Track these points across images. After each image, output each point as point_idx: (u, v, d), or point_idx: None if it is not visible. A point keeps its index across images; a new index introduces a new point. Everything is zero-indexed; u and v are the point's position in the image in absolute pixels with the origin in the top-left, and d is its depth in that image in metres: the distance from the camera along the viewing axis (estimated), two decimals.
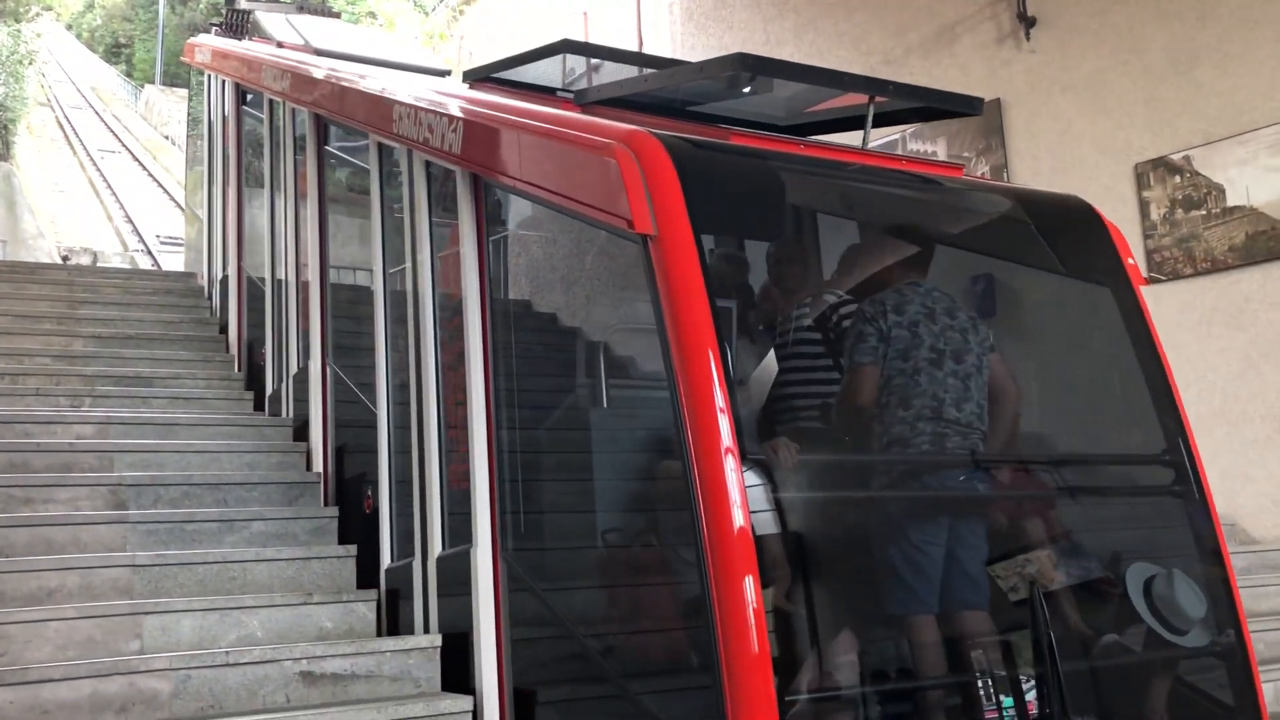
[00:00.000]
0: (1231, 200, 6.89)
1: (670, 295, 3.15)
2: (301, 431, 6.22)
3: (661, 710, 3.42)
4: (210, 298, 8.88)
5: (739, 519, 2.85)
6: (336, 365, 6.02)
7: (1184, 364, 6.39)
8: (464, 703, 4.00)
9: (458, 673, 4.10)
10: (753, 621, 2.80)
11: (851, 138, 4.12)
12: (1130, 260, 4.02)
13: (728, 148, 3.65)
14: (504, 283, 4.38)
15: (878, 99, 4.01)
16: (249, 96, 8.19)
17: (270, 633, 4.39)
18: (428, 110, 4.68)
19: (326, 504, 5.69)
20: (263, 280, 7.31)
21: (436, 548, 4.46)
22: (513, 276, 4.57)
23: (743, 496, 2.89)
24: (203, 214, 9.72)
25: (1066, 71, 7.87)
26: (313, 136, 6.31)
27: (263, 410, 6.87)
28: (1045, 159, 7.95)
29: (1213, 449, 4.80)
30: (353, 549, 5.16)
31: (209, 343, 8.18)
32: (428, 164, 4.78)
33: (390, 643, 4.26)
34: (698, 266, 3.17)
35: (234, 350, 7.88)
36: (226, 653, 4.00)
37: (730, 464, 2.90)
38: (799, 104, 4.81)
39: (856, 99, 4.46)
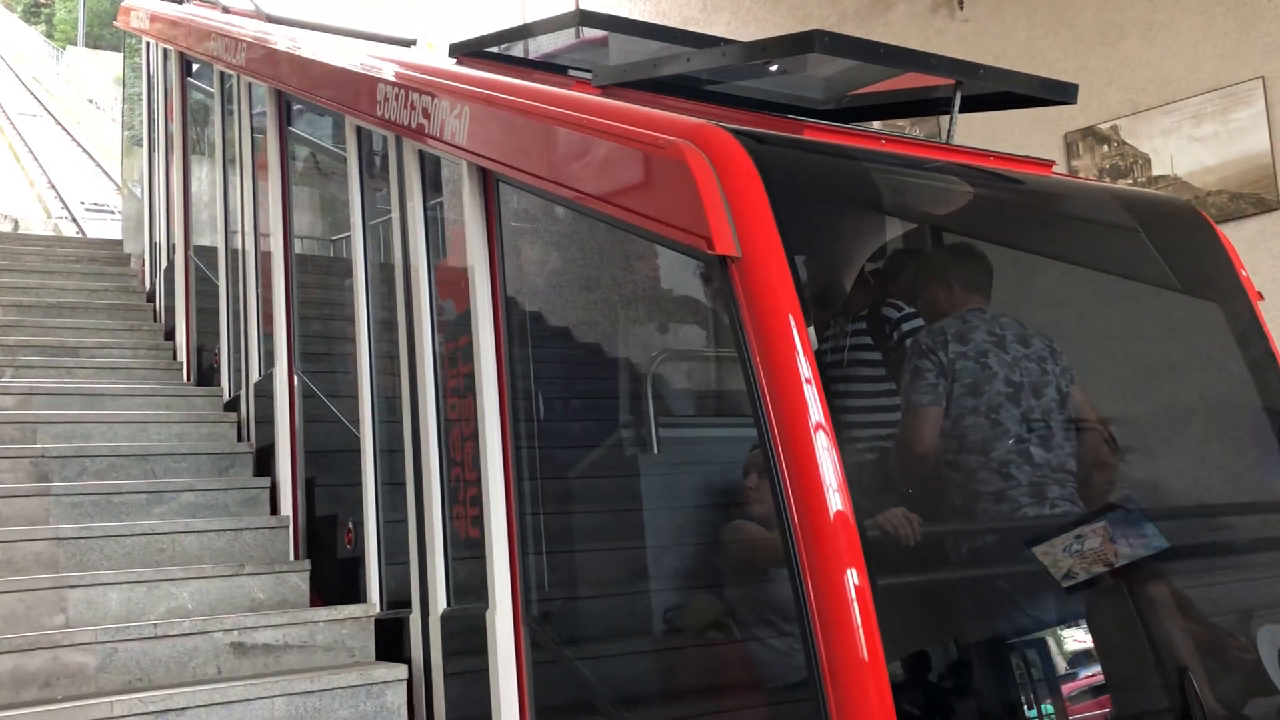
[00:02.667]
0: (1157, 169, 6.78)
1: (762, 335, 2.56)
2: (265, 458, 5.54)
3: None
4: (153, 297, 8.08)
5: (862, 644, 2.28)
6: (306, 375, 5.35)
7: None
8: (398, 671, 3.94)
9: None
10: None
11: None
12: (1244, 272, 3.50)
13: (809, 144, 3.05)
14: (523, 295, 3.75)
15: (965, 83, 3.44)
16: (195, 67, 7.41)
17: (201, 604, 4.34)
18: (422, 91, 4.02)
19: (297, 556, 5.06)
20: (214, 273, 6.59)
21: (441, 604, 3.85)
22: (534, 288, 3.94)
23: (866, 610, 2.32)
24: (141, 193, 8.92)
25: (999, 40, 7.71)
26: (274, 116, 5.59)
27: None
28: (978, 127, 7.68)
29: None
30: (286, 519, 5.05)
31: (136, 312, 7.96)
32: (421, 152, 4.13)
33: (324, 613, 4.23)
34: (795, 298, 2.58)
35: (183, 356, 7.12)
36: (154, 625, 3.95)
37: (852, 577, 2.32)
38: (842, 86, 4.24)
39: (912, 81, 3.92)
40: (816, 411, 2.47)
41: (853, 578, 2.37)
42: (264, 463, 5.52)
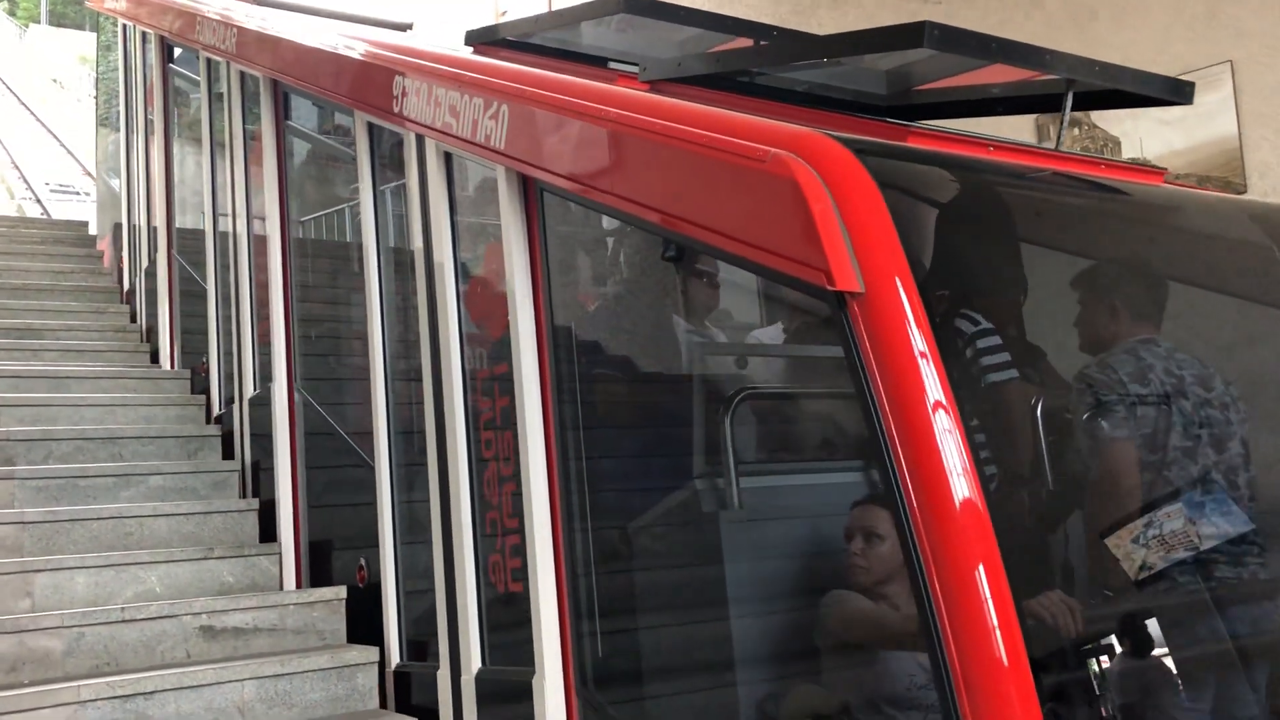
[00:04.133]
0: (1127, 152, 6.64)
1: (895, 388, 2.14)
2: (259, 481, 5.09)
3: None
4: (132, 298, 7.58)
5: None
6: (308, 392, 4.90)
7: None
8: (370, 653, 3.93)
9: None
10: None
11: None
12: None
13: (925, 156, 2.63)
14: (573, 319, 3.32)
15: (1077, 83, 3.04)
16: (178, 52, 6.90)
17: (170, 588, 4.29)
18: (449, 87, 3.58)
19: (299, 587, 4.65)
20: (201, 275, 6.11)
21: (475, 662, 3.43)
22: (587, 311, 3.51)
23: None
24: (118, 184, 8.40)
25: (972, 24, 7.48)
26: (270, 108, 5.12)
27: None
28: None
29: None
30: (254, 502, 4.94)
31: (103, 294, 7.83)
32: (448, 154, 3.69)
33: (294, 595, 4.21)
34: (932, 341, 2.17)
35: (166, 365, 6.65)
36: (122, 609, 3.92)
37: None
38: (907, 80, 3.83)
39: (990, 76, 3.52)
40: (963, 486, 2.05)
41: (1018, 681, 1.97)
42: (260, 488, 5.06)
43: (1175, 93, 3.20)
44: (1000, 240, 2.53)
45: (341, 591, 4.23)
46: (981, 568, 2.03)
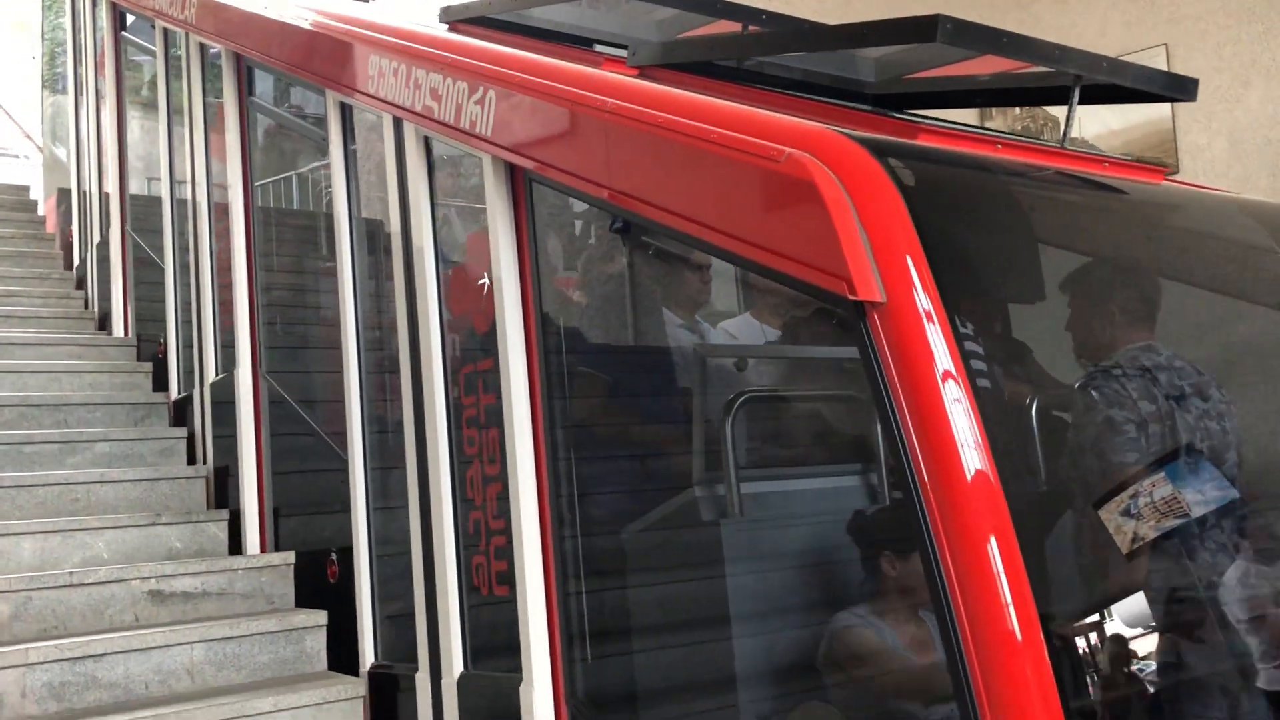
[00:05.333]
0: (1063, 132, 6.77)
1: (915, 400, 2.06)
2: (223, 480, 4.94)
3: None
4: (83, 278, 7.33)
5: None
6: (274, 378, 4.75)
7: None
8: (318, 617, 3.97)
9: None
10: None
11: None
12: None
13: (940, 155, 2.54)
14: (562, 315, 3.20)
15: (1084, 78, 2.96)
16: (131, 19, 6.65)
17: (117, 554, 4.28)
18: (430, 68, 3.44)
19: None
20: (159, 255, 5.90)
21: (457, 665, 3.33)
22: (577, 306, 3.39)
23: None
24: (65, 157, 8.13)
25: (917, 4, 7.50)
26: (233, 82, 4.93)
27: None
28: None
29: None
30: (203, 469, 4.96)
31: (45, 260, 7.71)
32: (427, 139, 3.54)
33: (242, 560, 4.24)
34: (957, 355, 2.09)
35: (117, 329, 6.44)
36: (70, 573, 3.90)
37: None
38: (897, 68, 3.74)
39: (981, 67, 3.44)
40: (988, 519, 1.98)
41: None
42: (223, 488, 4.90)
43: (1180, 89, 3.14)
44: (1023, 245, 2.45)
45: (290, 557, 4.25)
46: (1004, 579, 1.96)
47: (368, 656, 3.83)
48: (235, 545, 4.59)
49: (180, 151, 5.61)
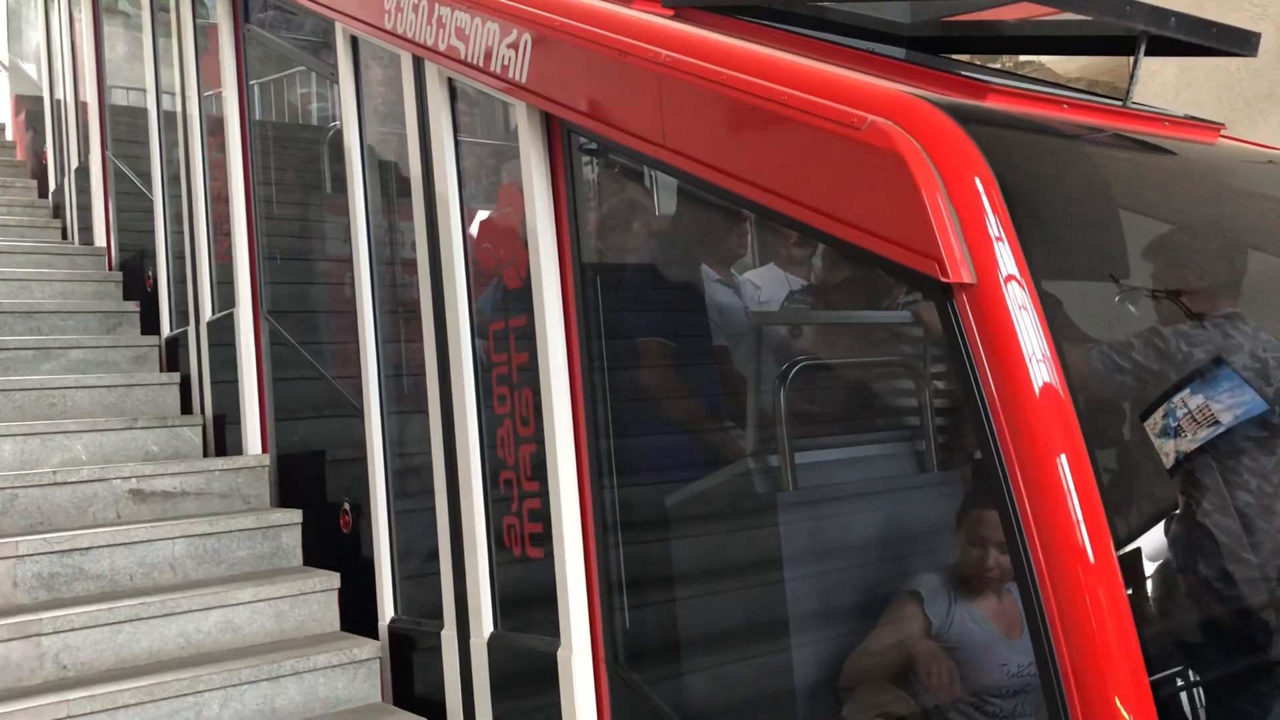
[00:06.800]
0: (1023, 56, 6.43)
1: (1013, 394, 1.98)
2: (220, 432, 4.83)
3: None
4: (60, 206, 7.08)
5: None
6: (275, 320, 4.59)
7: None
8: (293, 515, 4.12)
9: None
10: None
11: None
12: None
13: (1023, 122, 2.42)
14: (603, 273, 3.07)
15: (1149, 32, 2.84)
16: None
17: (95, 456, 4.40)
18: (456, 6, 3.26)
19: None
20: (146, 184, 5.68)
21: (486, 625, 3.27)
22: (621, 264, 3.27)
23: None
24: (33, 71, 7.80)
25: None
26: (228, 8, 4.69)
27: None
28: None
29: None
30: (175, 376, 5.07)
31: (7, 168, 7.72)
32: (451, 80, 3.38)
33: (219, 462, 4.38)
34: (1050, 342, 2.00)
35: (98, 240, 6.30)
36: (54, 472, 4.02)
37: None
38: (934, 9, 3.60)
39: (1016, 12, 3.31)
40: (1083, 530, 1.91)
41: None
42: (221, 436, 4.80)
43: (1243, 44, 3.03)
44: (1109, 219, 2.35)
45: (265, 459, 4.41)
46: (1103, 590, 1.91)
47: (387, 611, 3.76)
48: (208, 449, 4.76)
49: (167, 62, 5.37)
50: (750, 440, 2.77)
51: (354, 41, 3.89)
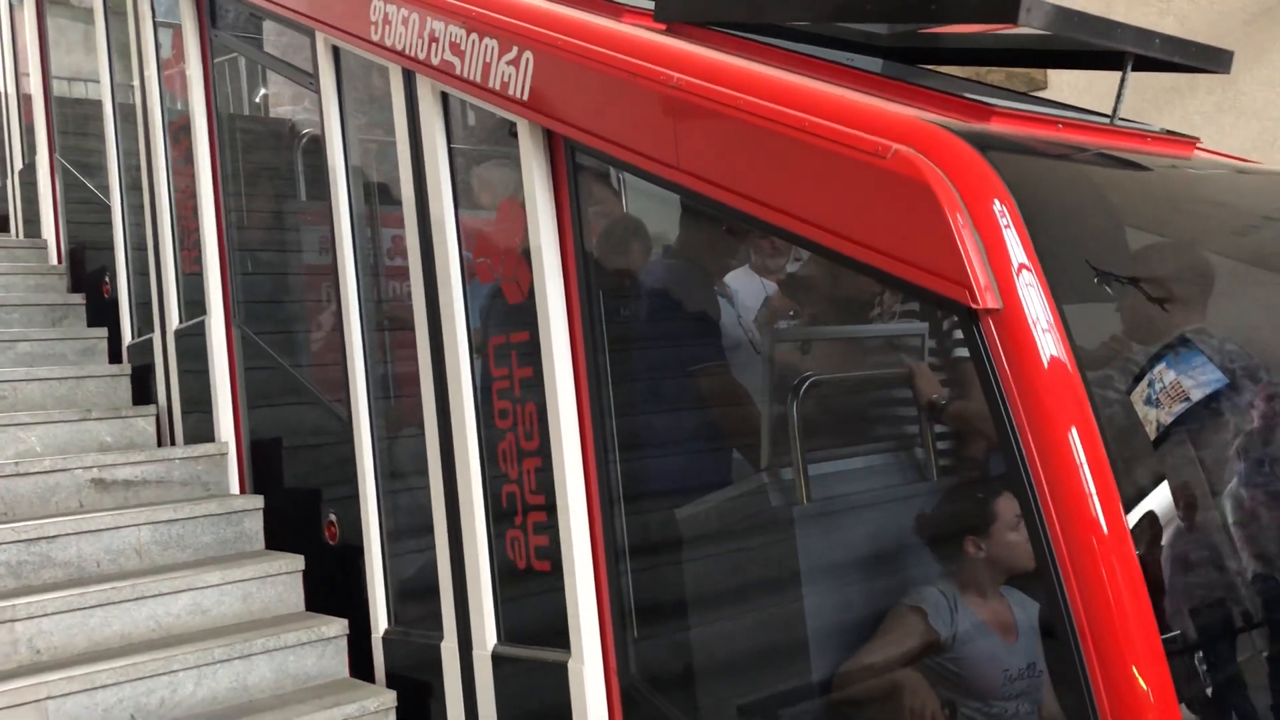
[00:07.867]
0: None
1: (1035, 413, 2.05)
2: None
3: None
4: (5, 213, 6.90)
5: None
6: (248, 328, 4.55)
7: None
8: (256, 501, 4.28)
9: None
10: None
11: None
12: None
13: (1037, 147, 2.50)
14: (608, 289, 3.10)
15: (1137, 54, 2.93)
16: None
17: (50, 447, 4.47)
18: (449, 20, 3.26)
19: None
20: (104, 192, 5.57)
21: (490, 639, 3.29)
22: (629, 279, 3.29)
23: None
24: None
25: None
26: (192, 10, 4.62)
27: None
28: None
29: None
30: (127, 367, 5.17)
31: None
32: (445, 94, 3.38)
33: (179, 451, 4.51)
34: (1075, 369, 2.08)
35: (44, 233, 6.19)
36: (16, 463, 4.09)
37: None
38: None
39: (991, 26, 3.40)
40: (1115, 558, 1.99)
41: None
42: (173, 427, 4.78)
43: (1217, 62, 3.16)
44: (1123, 240, 2.44)
45: (224, 447, 4.50)
46: (1126, 596, 1.99)
47: (380, 622, 3.77)
48: (161, 439, 4.84)
49: (125, 55, 5.28)
50: (763, 454, 2.82)
51: (335, 51, 3.86)
